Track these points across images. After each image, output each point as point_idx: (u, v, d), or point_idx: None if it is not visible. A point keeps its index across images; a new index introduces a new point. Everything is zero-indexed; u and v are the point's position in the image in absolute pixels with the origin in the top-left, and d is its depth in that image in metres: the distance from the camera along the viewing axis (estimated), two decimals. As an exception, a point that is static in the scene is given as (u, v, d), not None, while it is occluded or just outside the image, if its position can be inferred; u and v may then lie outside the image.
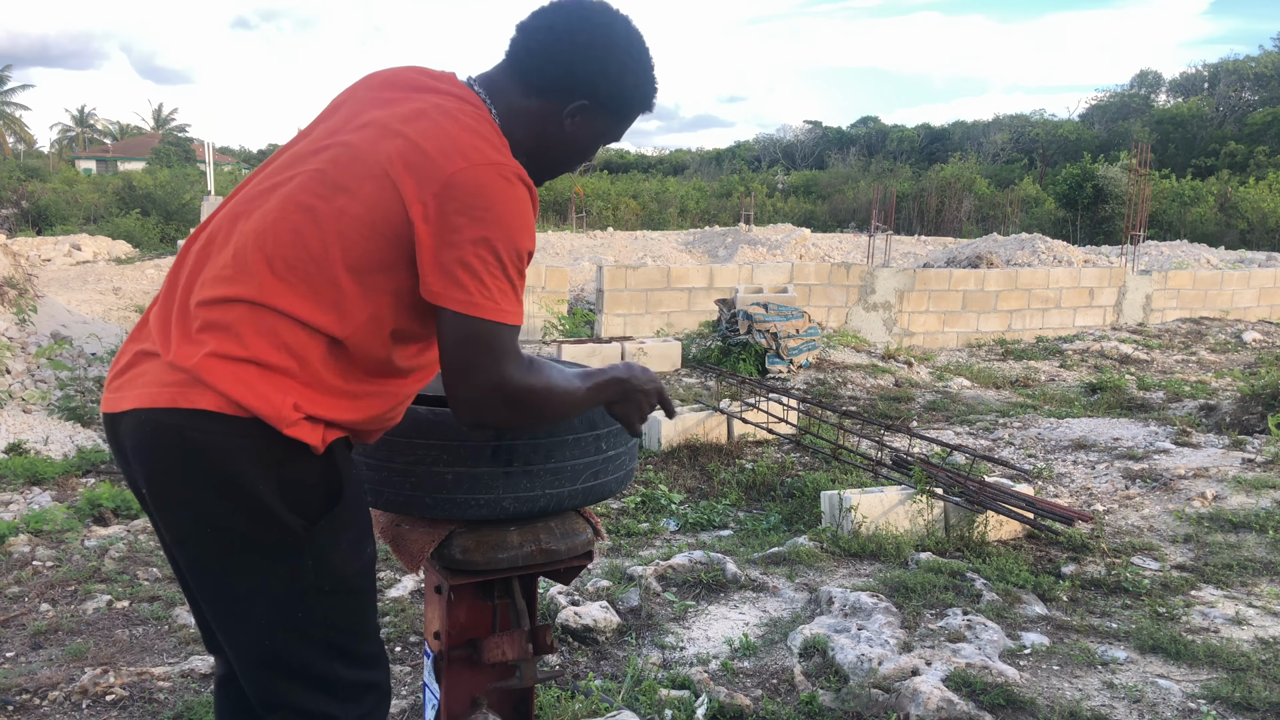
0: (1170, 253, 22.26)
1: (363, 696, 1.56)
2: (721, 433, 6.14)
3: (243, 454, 1.39)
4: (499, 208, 1.40)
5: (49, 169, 39.39)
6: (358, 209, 1.42)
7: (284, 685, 1.51)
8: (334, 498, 1.47)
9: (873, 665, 2.92)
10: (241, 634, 1.49)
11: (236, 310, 1.41)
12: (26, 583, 3.72)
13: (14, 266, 10.68)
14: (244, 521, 1.42)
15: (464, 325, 1.39)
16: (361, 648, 1.56)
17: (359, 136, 1.47)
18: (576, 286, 14.04)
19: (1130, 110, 49.29)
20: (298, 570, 1.45)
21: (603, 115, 1.58)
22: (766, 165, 60.27)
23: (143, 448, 1.43)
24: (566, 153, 1.61)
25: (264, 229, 1.44)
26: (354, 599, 1.53)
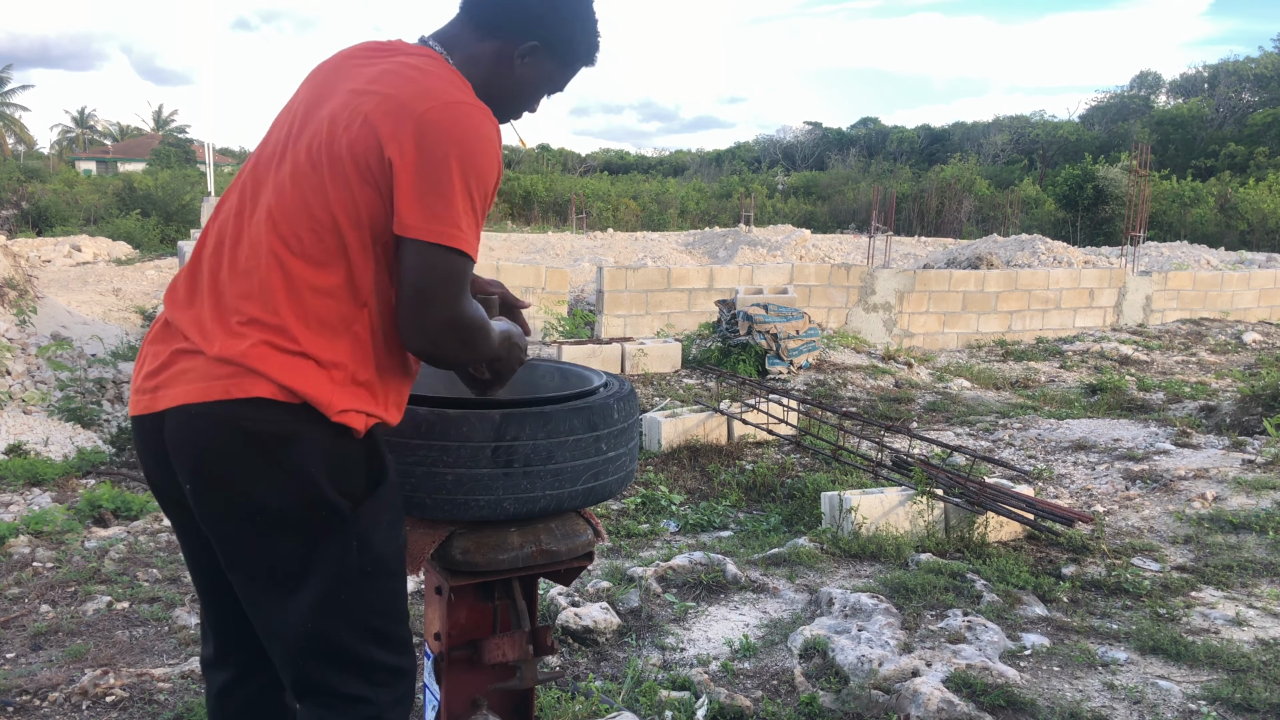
0: (1170, 254, 22.27)
1: (395, 681, 1.59)
2: (722, 434, 6.14)
3: (296, 438, 1.44)
4: (470, 142, 1.45)
5: (49, 170, 39.40)
6: (346, 162, 1.47)
7: (323, 669, 1.54)
8: (376, 479, 1.53)
9: (873, 666, 2.92)
10: (285, 619, 1.52)
11: (265, 314, 1.46)
12: (26, 584, 3.72)
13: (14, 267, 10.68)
14: (297, 505, 1.46)
15: (431, 255, 1.43)
16: (397, 631, 1.60)
17: (335, 104, 1.53)
18: (576, 287, 14.04)
19: (1130, 111, 49.30)
20: (344, 551, 1.49)
21: (550, 59, 1.66)
22: (766, 166, 60.31)
23: (192, 441, 1.46)
24: (518, 94, 1.68)
25: (272, 210, 1.49)
26: (392, 582, 1.57)
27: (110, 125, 68.72)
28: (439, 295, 1.45)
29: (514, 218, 37.40)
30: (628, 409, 1.87)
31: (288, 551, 1.49)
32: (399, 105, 1.46)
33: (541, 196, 39.57)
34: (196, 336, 1.48)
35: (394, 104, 1.46)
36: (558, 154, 69.41)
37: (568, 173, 57.02)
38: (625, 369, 8.28)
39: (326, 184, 1.47)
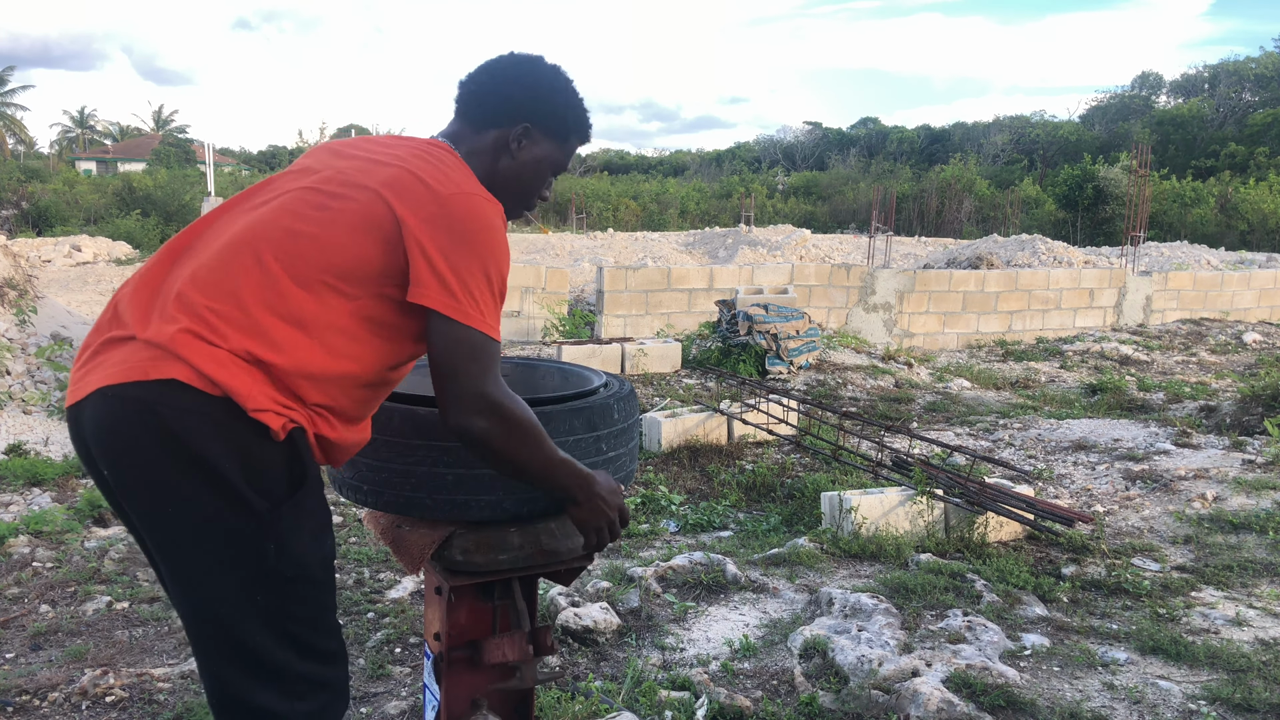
0: (1170, 254, 22.27)
1: (314, 694, 1.56)
2: (721, 434, 6.14)
3: (210, 430, 1.42)
4: (486, 233, 1.52)
5: (49, 170, 39.39)
6: (351, 211, 1.52)
7: (237, 676, 1.52)
8: (297, 484, 1.51)
9: (873, 666, 2.92)
10: (200, 617, 1.51)
11: (222, 304, 1.47)
12: (26, 584, 3.72)
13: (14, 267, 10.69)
14: (208, 499, 1.44)
15: (453, 330, 1.49)
16: (319, 642, 1.57)
17: (348, 164, 1.60)
18: (576, 288, 14.04)
19: (1130, 111, 49.31)
20: (260, 553, 1.48)
21: (544, 138, 1.74)
22: (767, 166, 60.31)
23: (105, 424, 1.44)
24: (520, 180, 1.75)
25: (256, 227, 1.53)
26: (314, 589, 1.56)
27: (110, 125, 68.73)
28: (466, 369, 1.49)
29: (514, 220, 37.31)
30: (628, 409, 1.87)
31: (204, 546, 1.47)
32: (420, 184, 1.53)
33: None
34: (135, 322, 1.49)
35: (414, 181, 1.53)
36: (558, 154, 69.15)
37: (568, 173, 56.98)
38: (625, 369, 8.28)
39: (323, 222, 1.52)
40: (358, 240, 1.50)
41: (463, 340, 1.48)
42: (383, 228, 1.50)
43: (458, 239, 1.49)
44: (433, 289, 1.48)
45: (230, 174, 45.02)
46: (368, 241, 1.50)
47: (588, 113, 1.80)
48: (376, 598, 3.59)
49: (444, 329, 1.48)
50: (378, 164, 1.57)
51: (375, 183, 1.53)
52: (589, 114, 1.81)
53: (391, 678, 2.96)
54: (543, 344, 9.66)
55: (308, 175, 1.61)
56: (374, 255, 1.50)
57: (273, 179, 1.66)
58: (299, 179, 1.61)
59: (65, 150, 61.99)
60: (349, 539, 4.26)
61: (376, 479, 1.73)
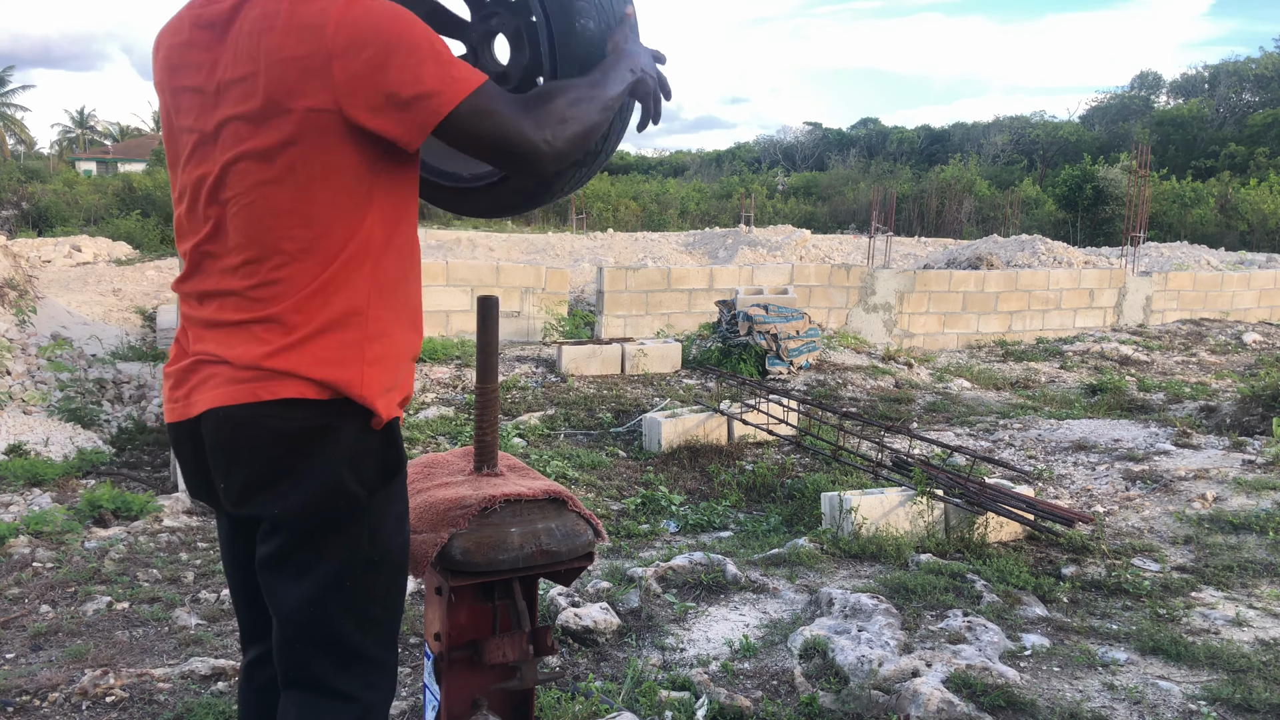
0: (1170, 254, 22.27)
1: (383, 680, 1.61)
2: (722, 434, 6.14)
3: (320, 433, 1.47)
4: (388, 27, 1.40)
5: (49, 170, 39.40)
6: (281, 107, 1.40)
7: (315, 656, 1.56)
8: (391, 472, 1.56)
9: (873, 667, 2.92)
10: (291, 601, 1.54)
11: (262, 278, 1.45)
12: (26, 584, 3.72)
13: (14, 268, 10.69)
14: (320, 496, 1.49)
15: (455, 120, 1.41)
16: (391, 625, 1.62)
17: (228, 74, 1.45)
18: (576, 288, 14.04)
19: (1130, 111, 49.32)
20: (356, 538, 1.52)
21: None
22: (767, 167, 60.31)
23: (225, 442, 1.49)
24: None
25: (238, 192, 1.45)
26: (394, 574, 1.60)
27: (110, 125, 68.74)
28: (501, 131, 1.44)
29: (514, 218, 37.37)
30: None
31: (307, 537, 1.52)
32: (305, 46, 1.39)
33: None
34: (216, 344, 1.50)
35: (299, 48, 1.39)
36: (558, 154, 69.12)
37: (568, 173, 56.83)
38: (625, 369, 8.28)
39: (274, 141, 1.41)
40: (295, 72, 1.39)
41: (469, 118, 1.42)
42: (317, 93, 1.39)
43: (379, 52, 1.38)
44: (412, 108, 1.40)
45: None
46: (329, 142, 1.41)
47: None
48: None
49: (450, 126, 1.42)
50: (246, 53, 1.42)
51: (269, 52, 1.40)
52: None
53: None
54: (543, 344, 9.67)
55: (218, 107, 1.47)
56: (312, 84, 1.39)
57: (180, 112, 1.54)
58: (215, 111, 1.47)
59: (65, 150, 62.00)
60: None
61: None
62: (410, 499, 1.83)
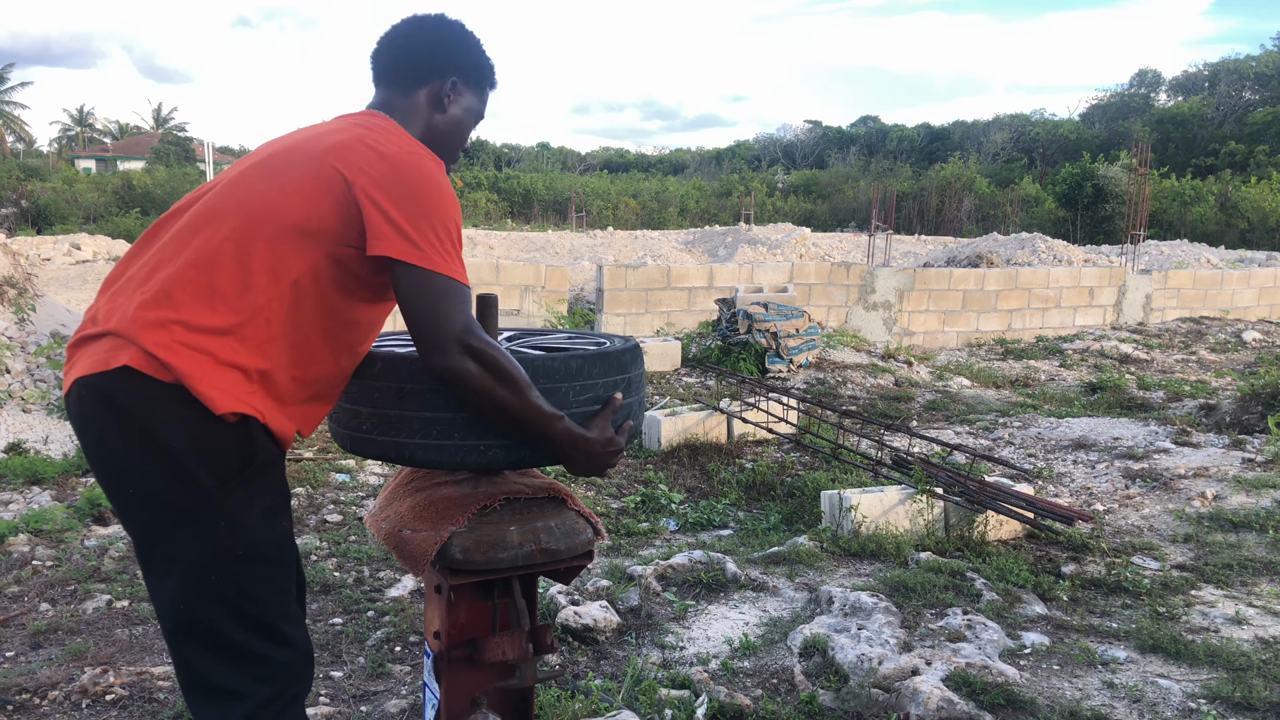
0: (1170, 252, 22.26)
1: (275, 676, 1.59)
2: (721, 432, 6.14)
3: (160, 411, 1.48)
4: (434, 186, 1.57)
5: (49, 168, 39.37)
6: (300, 177, 1.56)
7: (200, 656, 1.56)
8: (247, 462, 1.54)
9: (873, 665, 2.92)
10: (163, 597, 1.56)
11: (178, 279, 1.52)
12: (26, 582, 3.72)
13: (13, 266, 10.68)
14: (162, 480, 1.50)
15: (421, 277, 1.52)
16: (277, 624, 1.60)
17: (290, 142, 1.66)
18: (576, 286, 14.04)
19: (1130, 110, 49.31)
20: (212, 530, 1.52)
21: (467, 90, 1.81)
22: (766, 165, 60.31)
23: (76, 413, 1.54)
24: (454, 132, 1.82)
25: (210, 206, 1.59)
26: (269, 569, 1.59)
27: (109, 123, 68.70)
28: (441, 311, 1.52)
29: (514, 216, 37.39)
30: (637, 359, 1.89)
31: (158, 529, 1.53)
32: (364, 148, 1.57)
33: (541, 195, 39.57)
34: (103, 315, 1.57)
35: (360, 146, 1.58)
36: (557, 152, 69.37)
37: (567, 171, 56.97)
38: (625, 367, 8.27)
39: (272, 191, 1.56)
40: (310, 200, 1.54)
41: (432, 285, 1.52)
42: (334, 189, 1.54)
43: (410, 195, 1.53)
44: (393, 239, 1.51)
45: (230, 172, 44.96)
46: (321, 201, 1.54)
47: (490, 58, 1.87)
48: (376, 596, 3.59)
49: (411, 277, 1.52)
50: (319, 137, 1.62)
51: (319, 150, 1.58)
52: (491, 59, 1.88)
53: (391, 676, 2.96)
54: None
55: (251, 160, 1.66)
56: (329, 213, 1.54)
57: (221, 174, 1.71)
58: (242, 165, 1.66)
59: (65, 148, 61.94)
60: (349, 538, 4.26)
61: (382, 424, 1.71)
62: (410, 497, 1.83)
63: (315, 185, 1.55)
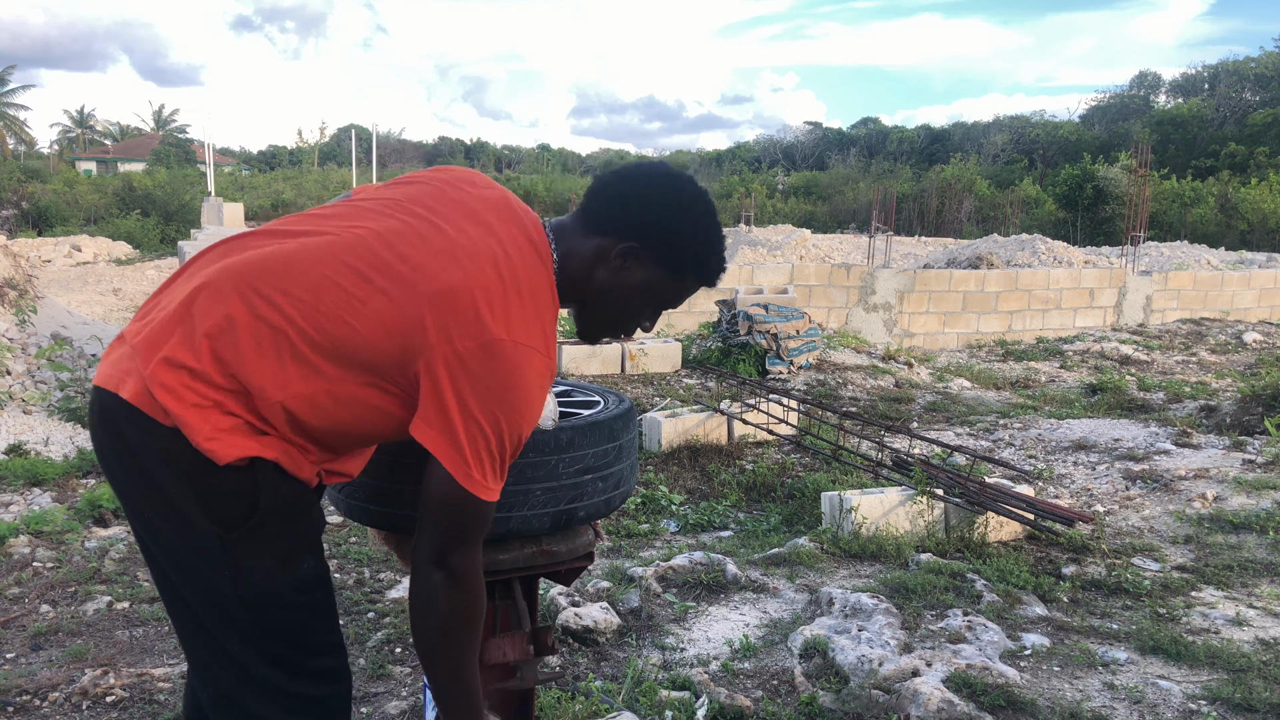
0: (1170, 253, 22.25)
1: (306, 708, 1.52)
2: (722, 434, 6.14)
3: (156, 453, 1.39)
4: (516, 391, 1.39)
5: (49, 170, 39.38)
6: (385, 309, 1.40)
7: (230, 684, 1.49)
8: (252, 510, 1.42)
9: (873, 666, 2.92)
10: (184, 621, 1.50)
11: (215, 326, 1.39)
12: (27, 584, 3.72)
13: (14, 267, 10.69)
14: (167, 521, 1.43)
15: (448, 483, 1.39)
16: (304, 660, 1.51)
17: (422, 231, 1.45)
18: (577, 287, 14.03)
19: (1130, 111, 49.32)
20: (216, 577, 1.43)
21: (652, 263, 1.53)
22: (767, 166, 60.32)
23: (91, 420, 1.49)
24: (613, 302, 1.57)
25: (288, 258, 1.43)
26: (289, 613, 1.48)
27: (110, 125, 68.74)
28: (449, 524, 1.41)
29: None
30: (629, 424, 1.87)
31: (173, 555, 1.46)
32: (472, 306, 1.38)
33: (542, 196, 39.56)
34: (138, 326, 1.47)
35: (468, 302, 1.38)
36: (557, 154, 69.39)
37: (568, 172, 56.98)
38: (625, 369, 8.28)
39: (357, 299, 1.40)
40: (379, 337, 1.39)
41: (454, 497, 1.39)
42: (409, 337, 1.38)
43: (482, 386, 1.37)
44: (437, 432, 1.38)
45: (230, 174, 45.00)
46: (389, 341, 1.39)
47: (719, 251, 1.56)
48: (377, 598, 3.59)
49: (440, 475, 1.39)
50: (447, 258, 1.41)
51: (428, 290, 1.39)
52: (721, 253, 1.56)
53: (392, 678, 2.96)
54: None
55: (377, 215, 1.48)
56: (389, 353, 1.39)
57: (353, 200, 1.55)
58: (364, 216, 1.48)
59: (65, 150, 61.98)
60: (349, 539, 4.26)
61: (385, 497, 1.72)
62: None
63: (394, 326, 1.39)
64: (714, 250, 1.56)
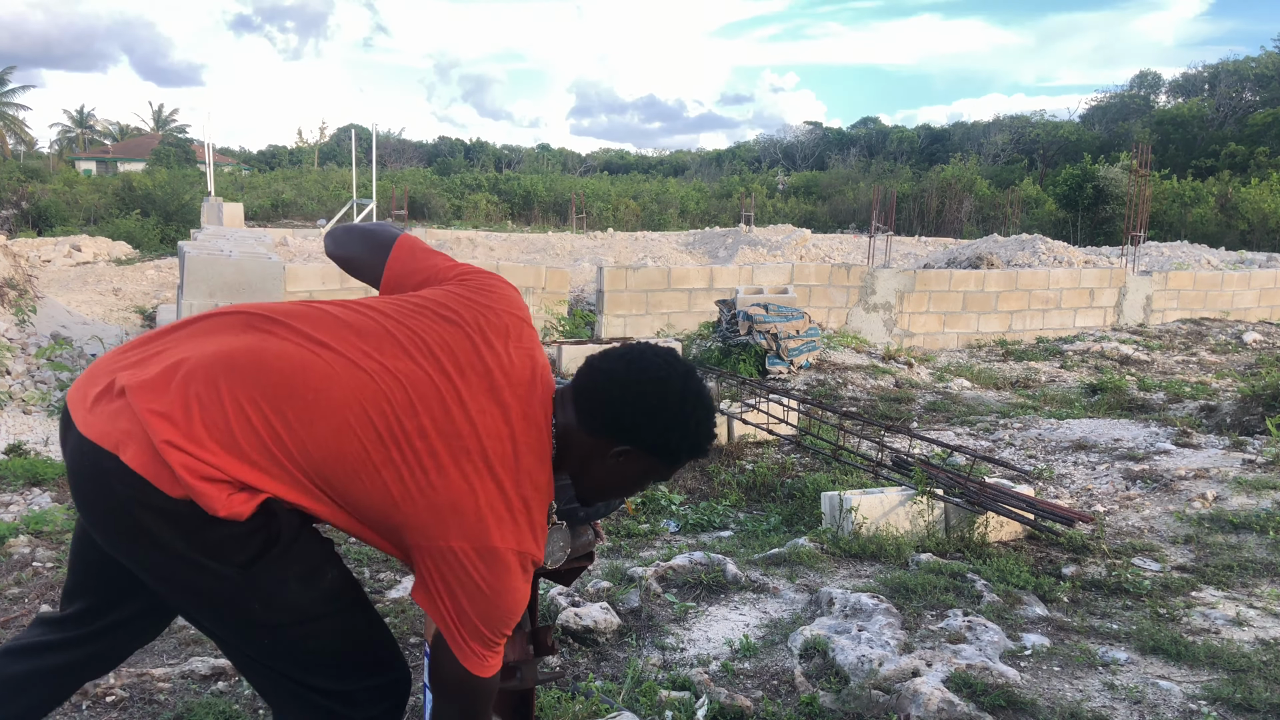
0: (1170, 253, 22.26)
1: (367, 699, 1.58)
2: (722, 433, 6.14)
3: (162, 518, 1.40)
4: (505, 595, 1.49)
5: (49, 170, 39.36)
6: (393, 481, 1.46)
7: (281, 693, 1.56)
8: (271, 543, 1.46)
9: (873, 666, 2.92)
10: (236, 661, 1.57)
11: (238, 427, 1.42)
12: (26, 584, 3.71)
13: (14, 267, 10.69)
14: (178, 571, 1.44)
15: (455, 664, 1.52)
16: (352, 660, 1.57)
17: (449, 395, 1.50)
18: (577, 287, 14.04)
19: (1130, 111, 49.33)
20: (246, 609, 1.46)
21: (648, 457, 1.61)
22: (767, 166, 60.33)
23: (79, 470, 1.45)
24: (612, 486, 1.67)
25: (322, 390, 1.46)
26: (323, 623, 1.53)
27: (110, 125, 68.73)
28: (450, 698, 1.56)
29: (514, 218, 37.41)
30: None
31: (190, 599, 1.49)
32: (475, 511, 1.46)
33: (541, 196, 39.58)
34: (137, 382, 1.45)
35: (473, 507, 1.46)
36: (557, 154, 69.37)
37: (568, 172, 56.97)
38: (625, 369, 8.27)
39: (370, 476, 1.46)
40: (384, 505, 1.46)
41: (454, 672, 1.52)
42: (409, 520, 1.48)
43: (472, 588, 1.46)
44: (432, 606, 1.49)
45: (230, 174, 45.00)
46: (389, 513, 1.47)
47: (709, 429, 1.64)
48: (377, 598, 3.59)
49: (443, 646, 1.52)
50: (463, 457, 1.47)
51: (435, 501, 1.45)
52: (708, 434, 1.63)
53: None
54: (543, 343, 9.66)
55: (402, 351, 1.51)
56: (388, 521, 1.48)
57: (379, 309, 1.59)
58: (389, 347, 1.52)
59: (65, 150, 61.95)
60: (349, 538, 4.26)
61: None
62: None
63: (400, 499, 1.46)
64: (705, 433, 1.63)
